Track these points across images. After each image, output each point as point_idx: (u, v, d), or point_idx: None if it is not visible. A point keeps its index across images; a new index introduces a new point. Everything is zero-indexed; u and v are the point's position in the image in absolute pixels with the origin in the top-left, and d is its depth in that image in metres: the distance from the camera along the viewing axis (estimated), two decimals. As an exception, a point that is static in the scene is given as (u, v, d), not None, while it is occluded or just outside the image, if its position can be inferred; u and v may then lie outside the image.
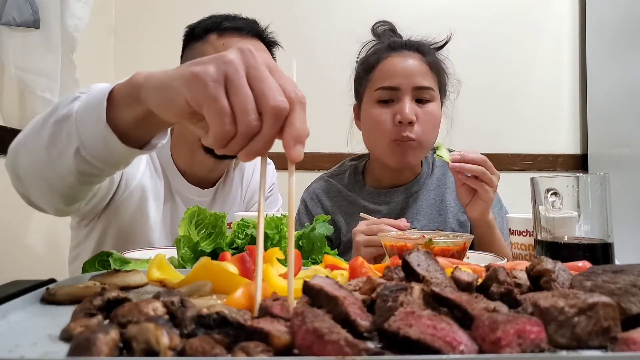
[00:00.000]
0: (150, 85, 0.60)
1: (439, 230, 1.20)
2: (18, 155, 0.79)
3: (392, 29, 1.32)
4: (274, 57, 1.22)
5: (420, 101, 1.21)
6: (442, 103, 1.28)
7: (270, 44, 1.21)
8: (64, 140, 0.70)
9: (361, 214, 1.09)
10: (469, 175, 1.06)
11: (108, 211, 1.15)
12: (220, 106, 0.50)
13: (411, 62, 1.21)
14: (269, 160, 1.66)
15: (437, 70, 1.25)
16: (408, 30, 1.31)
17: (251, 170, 1.39)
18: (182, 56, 1.23)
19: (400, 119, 1.17)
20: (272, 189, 1.43)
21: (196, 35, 1.16)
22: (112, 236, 1.17)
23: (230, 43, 1.09)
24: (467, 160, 1.05)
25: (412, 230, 1.01)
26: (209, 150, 1.18)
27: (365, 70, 1.26)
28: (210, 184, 1.30)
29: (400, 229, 0.97)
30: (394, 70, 1.21)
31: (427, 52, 1.25)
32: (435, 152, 1.10)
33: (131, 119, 0.65)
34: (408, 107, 1.17)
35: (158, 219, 1.20)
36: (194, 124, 0.57)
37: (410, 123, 1.17)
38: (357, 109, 1.32)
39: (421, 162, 1.34)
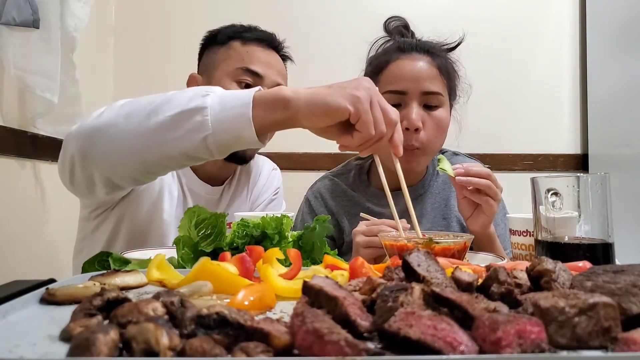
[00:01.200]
0: (301, 100, 0.77)
1: None
2: (101, 135, 0.84)
3: (405, 26, 1.29)
4: (286, 70, 1.34)
5: (428, 106, 1.18)
6: (451, 106, 1.25)
7: (283, 58, 1.33)
8: (190, 127, 0.78)
9: (361, 214, 1.08)
10: (470, 188, 1.03)
11: (124, 203, 1.17)
12: (371, 118, 0.77)
13: (420, 66, 1.18)
14: (274, 166, 1.71)
15: (447, 74, 1.22)
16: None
17: (257, 173, 1.43)
18: (200, 56, 1.34)
19: (407, 125, 1.14)
20: (277, 192, 1.47)
21: (218, 41, 1.29)
22: (126, 230, 1.18)
23: (253, 51, 1.25)
24: (471, 174, 1.02)
25: (411, 231, 1.00)
26: None
27: (374, 71, 1.24)
28: (219, 182, 1.35)
29: (400, 230, 0.96)
30: (402, 74, 1.18)
31: (438, 54, 1.21)
32: (438, 165, 1.08)
33: (271, 120, 0.79)
34: (415, 113, 1.15)
35: (172, 214, 1.23)
36: (324, 132, 0.82)
37: (417, 130, 1.15)
38: None
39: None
